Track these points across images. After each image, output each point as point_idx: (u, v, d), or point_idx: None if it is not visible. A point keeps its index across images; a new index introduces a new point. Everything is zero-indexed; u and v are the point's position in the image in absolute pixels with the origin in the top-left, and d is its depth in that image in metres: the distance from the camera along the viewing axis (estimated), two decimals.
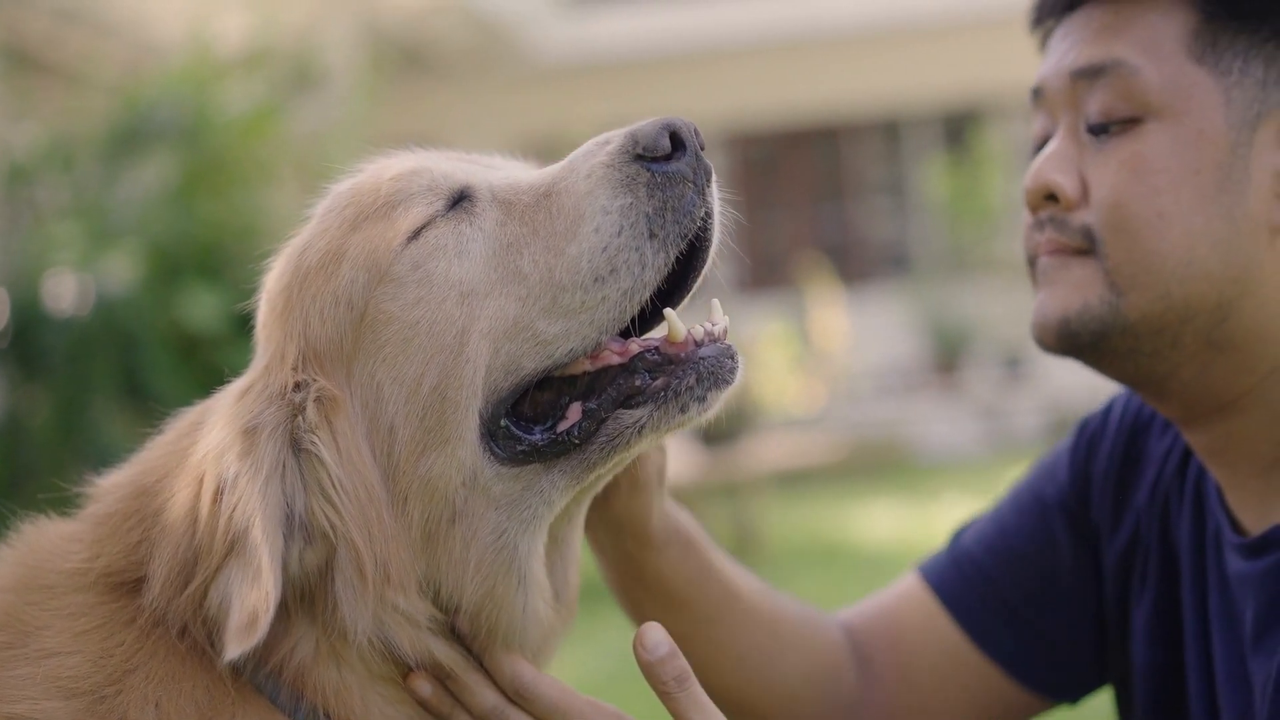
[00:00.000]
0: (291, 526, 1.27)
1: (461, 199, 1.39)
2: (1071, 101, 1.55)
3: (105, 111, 7.06)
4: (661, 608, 1.61)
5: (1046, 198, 1.56)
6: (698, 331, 1.36)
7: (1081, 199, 1.53)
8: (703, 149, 1.36)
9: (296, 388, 1.32)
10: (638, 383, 1.33)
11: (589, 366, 1.34)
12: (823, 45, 16.88)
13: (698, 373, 1.33)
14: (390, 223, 1.37)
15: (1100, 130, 1.52)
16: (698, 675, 1.32)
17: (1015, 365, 14.10)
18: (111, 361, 6.17)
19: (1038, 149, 1.61)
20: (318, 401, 1.31)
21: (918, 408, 14.03)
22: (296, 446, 1.30)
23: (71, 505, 1.43)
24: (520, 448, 1.33)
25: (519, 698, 1.35)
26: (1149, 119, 1.49)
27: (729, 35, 16.69)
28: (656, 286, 1.34)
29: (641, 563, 1.58)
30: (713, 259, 1.39)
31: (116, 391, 6.15)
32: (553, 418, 1.34)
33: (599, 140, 1.38)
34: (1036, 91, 1.61)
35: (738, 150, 17.15)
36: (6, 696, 1.26)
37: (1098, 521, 1.74)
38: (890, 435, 13.02)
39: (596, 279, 1.32)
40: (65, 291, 6.45)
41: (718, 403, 1.35)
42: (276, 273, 1.42)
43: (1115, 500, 1.72)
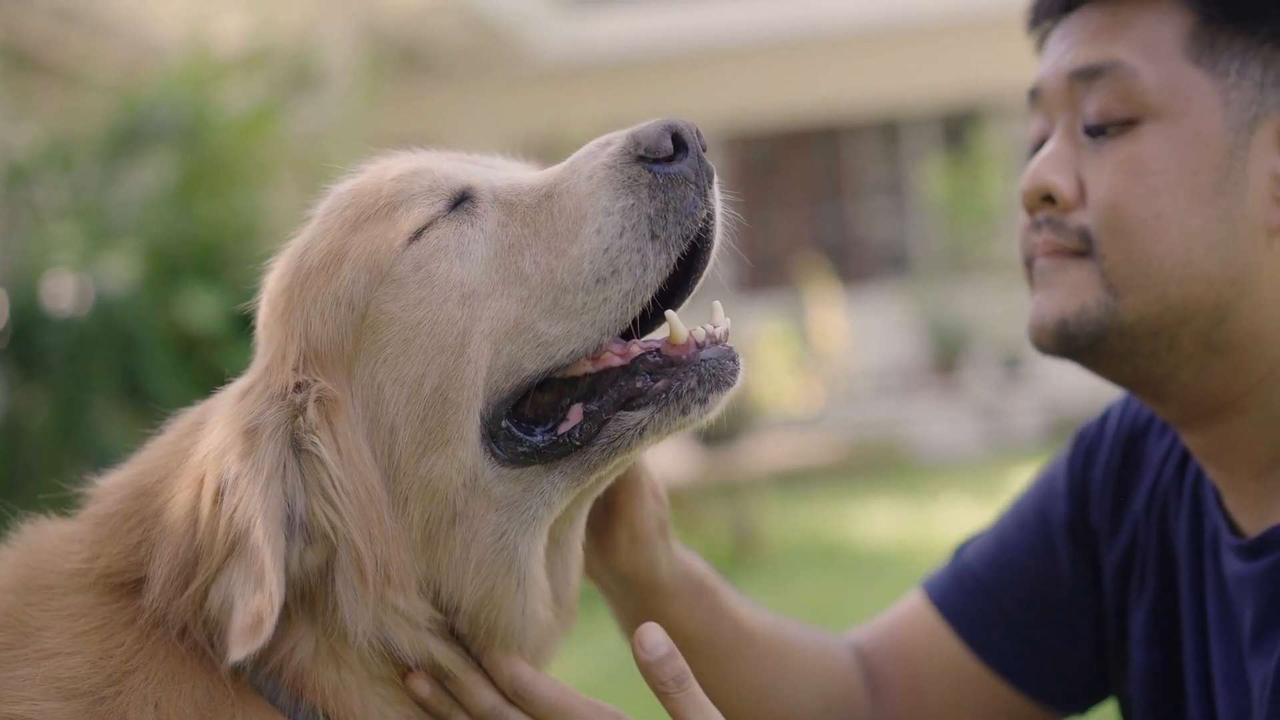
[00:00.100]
0: (292, 527, 1.27)
1: (463, 200, 1.39)
2: (1069, 102, 1.55)
3: (104, 112, 7.06)
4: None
5: (1043, 199, 1.55)
6: (699, 333, 1.36)
7: (1078, 200, 1.53)
8: (705, 150, 1.36)
9: (297, 388, 1.32)
10: (639, 384, 1.33)
11: (590, 368, 1.34)
12: (822, 45, 16.87)
13: (699, 375, 1.33)
14: (392, 223, 1.36)
15: (1097, 131, 1.52)
16: None
17: (1014, 365, 14.09)
18: (110, 362, 6.17)
19: (1034, 150, 1.61)
20: (318, 402, 1.31)
21: (917, 408, 14.02)
22: (297, 447, 1.30)
23: (71, 505, 1.43)
24: (521, 449, 1.33)
25: (517, 698, 1.35)
26: (1146, 120, 1.49)
27: (728, 35, 16.68)
28: (658, 288, 1.34)
29: (654, 611, 1.58)
30: (714, 260, 1.39)
31: (115, 392, 6.15)
32: (554, 419, 1.34)
33: (601, 141, 1.38)
34: (1034, 92, 1.60)
35: (736, 150, 17.14)
36: (6, 697, 1.25)
37: (1097, 529, 1.74)
38: (889, 435, 13.01)
39: (598, 280, 1.32)
40: (64, 292, 6.45)
41: (719, 405, 1.35)
42: (278, 273, 1.42)
43: (1114, 507, 1.72)
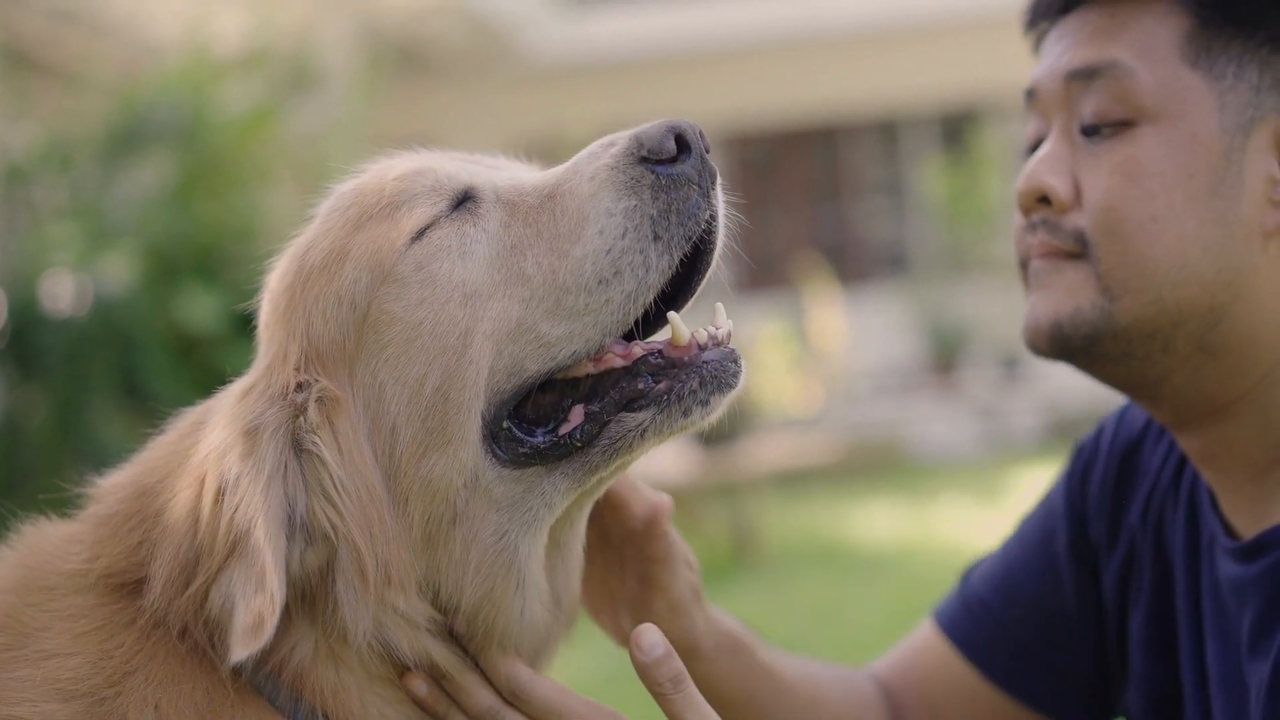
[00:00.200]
0: (293, 527, 1.27)
1: (465, 200, 1.39)
2: (1065, 103, 1.54)
3: (103, 112, 7.06)
4: (713, 708, 1.62)
5: (1039, 200, 1.55)
6: (701, 335, 1.35)
7: (1074, 202, 1.52)
8: (708, 151, 1.36)
9: (298, 388, 1.32)
10: (640, 386, 1.33)
11: (592, 369, 1.34)
12: (820, 46, 16.87)
13: (701, 376, 1.33)
14: (394, 223, 1.36)
15: (1093, 132, 1.51)
16: None
17: (1013, 365, 14.09)
18: (109, 362, 6.17)
19: (1030, 151, 1.60)
20: (320, 402, 1.31)
21: (916, 408, 14.02)
22: (298, 447, 1.29)
23: (69, 506, 1.43)
24: (522, 450, 1.33)
25: (515, 699, 1.35)
26: (1142, 122, 1.49)
27: (726, 35, 16.68)
28: (660, 289, 1.33)
29: (692, 675, 1.59)
30: (717, 262, 1.39)
31: (114, 392, 6.16)
32: (555, 420, 1.34)
33: (603, 142, 1.38)
34: (1030, 93, 1.60)
35: (735, 150, 17.14)
36: (6, 699, 1.25)
37: (1096, 544, 1.74)
38: (888, 435, 13.01)
39: (600, 281, 1.31)
40: (63, 292, 6.45)
41: (720, 406, 1.34)
42: (279, 272, 1.42)
43: (1111, 520, 1.72)
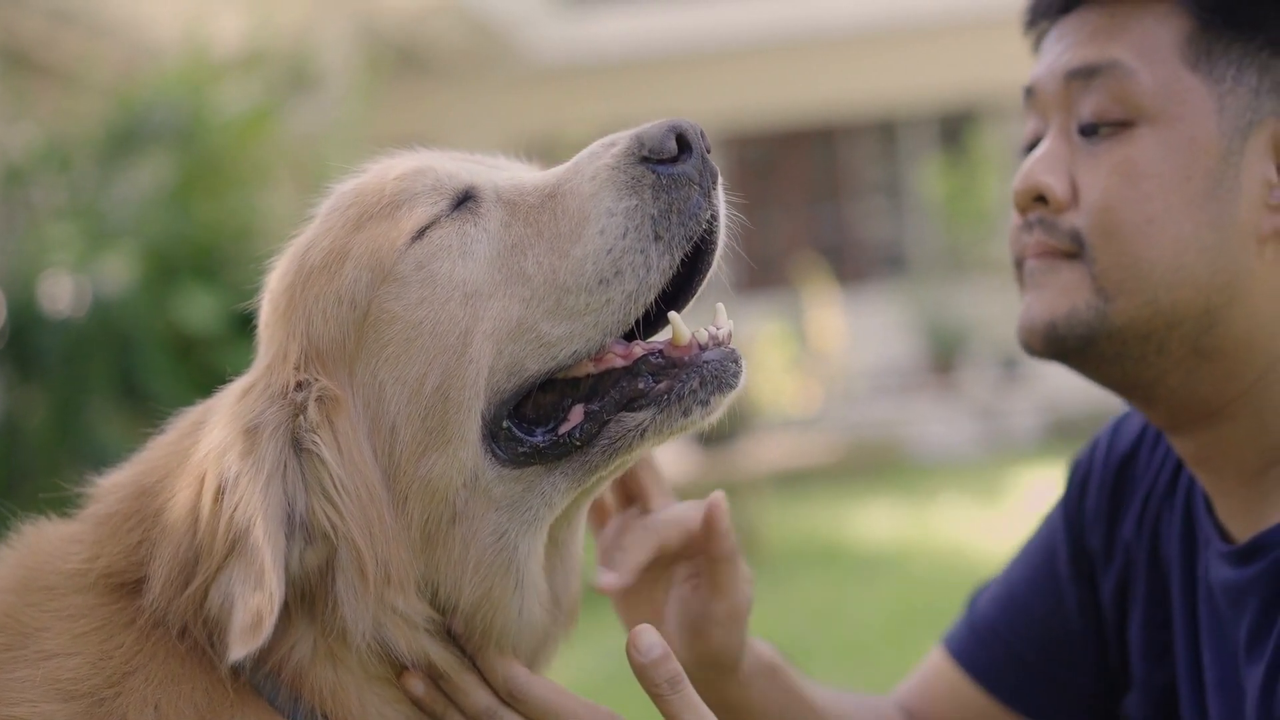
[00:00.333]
0: (292, 526, 1.27)
1: (466, 199, 1.39)
2: (1064, 102, 1.54)
3: (101, 112, 7.06)
4: None
5: (1036, 199, 1.55)
6: (702, 335, 1.35)
7: (1071, 201, 1.52)
8: (709, 151, 1.36)
9: (298, 387, 1.32)
10: (641, 386, 1.33)
11: (592, 369, 1.34)
12: (819, 46, 16.88)
13: (701, 376, 1.33)
14: (394, 222, 1.36)
15: (1091, 131, 1.51)
16: None
17: (1012, 365, 14.09)
18: (108, 362, 6.17)
19: (1028, 150, 1.60)
20: (319, 401, 1.31)
21: (914, 408, 14.03)
22: (298, 446, 1.29)
23: (69, 506, 1.43)
24: (522, 449, 1.33)
25: (512, 699, 1.34)
26: (1141, 123, 1.49)
27: (725, 36, 16.69)
28: (661, 289, 1.33)
29: (729, 695, 1.58)
30: (718, 262, 1.39)
31: (113, 392, 6.16)
32: (555, 420, 1.34)
33: (604, 142, 1.38)
34: (1029, 92, 1.60)
35: (734, 150, 17.15)
36: (6, 699, 1.25)
37: (1094, 554, 1.74)
38: (887, 435, 13.02)
39: (601, 281, 1.31)
40: (62, 292, 6.45)
41: (721, 407, 1.34)
42: (280, 272, 1.41)
43: (1108, 529, 1.73)
